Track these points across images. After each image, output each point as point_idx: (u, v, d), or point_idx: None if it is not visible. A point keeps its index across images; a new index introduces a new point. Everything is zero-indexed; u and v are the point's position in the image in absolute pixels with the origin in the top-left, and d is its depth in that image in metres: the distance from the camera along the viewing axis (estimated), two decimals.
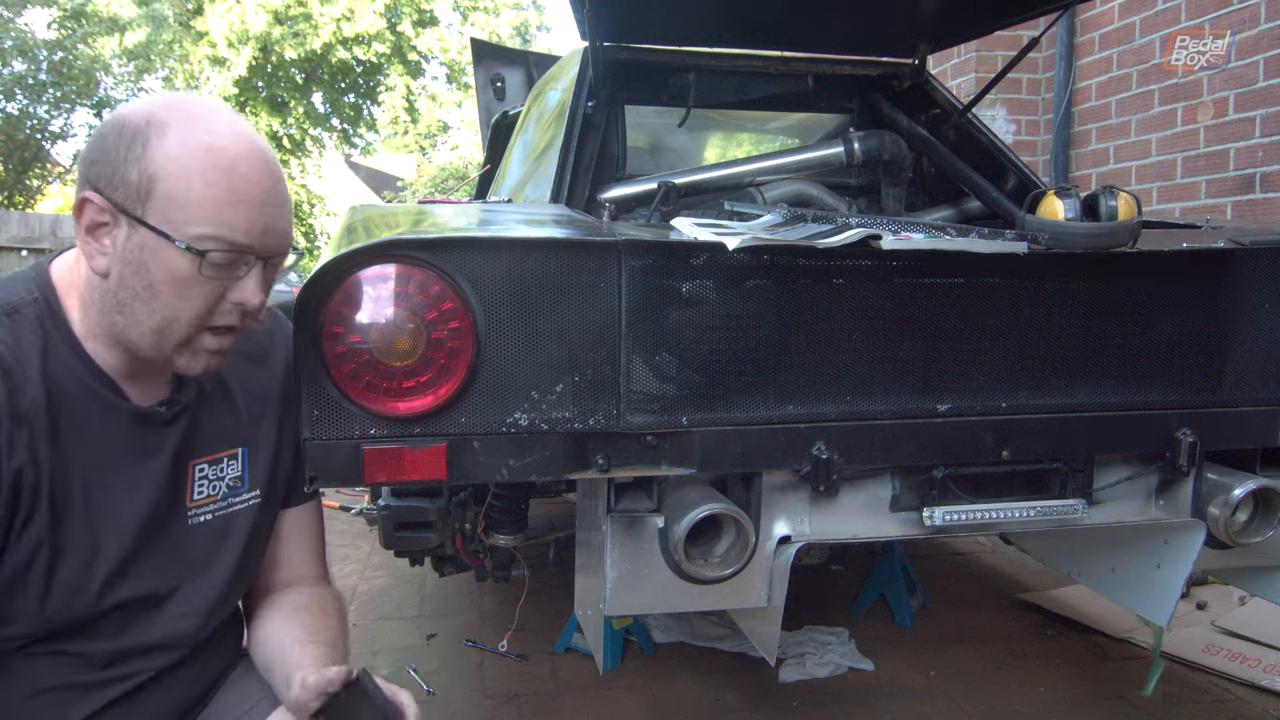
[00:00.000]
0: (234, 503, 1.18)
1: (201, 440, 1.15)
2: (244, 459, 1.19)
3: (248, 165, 0.99)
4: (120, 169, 0.97)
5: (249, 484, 1.19)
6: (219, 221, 0.98)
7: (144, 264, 0.98)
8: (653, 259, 1.32)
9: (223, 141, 0.98)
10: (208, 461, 1.15)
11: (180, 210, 0.97)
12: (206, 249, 0.97)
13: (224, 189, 0.98)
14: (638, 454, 1.38)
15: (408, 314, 1.24)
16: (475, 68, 4.17)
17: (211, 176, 0.97)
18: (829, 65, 2.57)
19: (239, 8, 15.39)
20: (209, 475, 1.15)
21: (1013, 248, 1.40)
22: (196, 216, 0.97)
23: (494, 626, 2.82)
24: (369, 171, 26.56)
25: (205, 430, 1.15)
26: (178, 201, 0.96)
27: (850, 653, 2.57)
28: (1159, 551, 1.70)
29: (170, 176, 0.96)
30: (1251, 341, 1.57)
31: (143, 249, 0.98)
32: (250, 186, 0.99)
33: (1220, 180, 3.64)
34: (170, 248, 0.97)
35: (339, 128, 19.38)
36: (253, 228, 1.00)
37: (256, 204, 1.00)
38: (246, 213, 0.99)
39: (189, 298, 1.00)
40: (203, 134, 0.98)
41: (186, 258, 0.97)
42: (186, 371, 1.05)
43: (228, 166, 0.98)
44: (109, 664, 1.06)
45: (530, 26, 20.03)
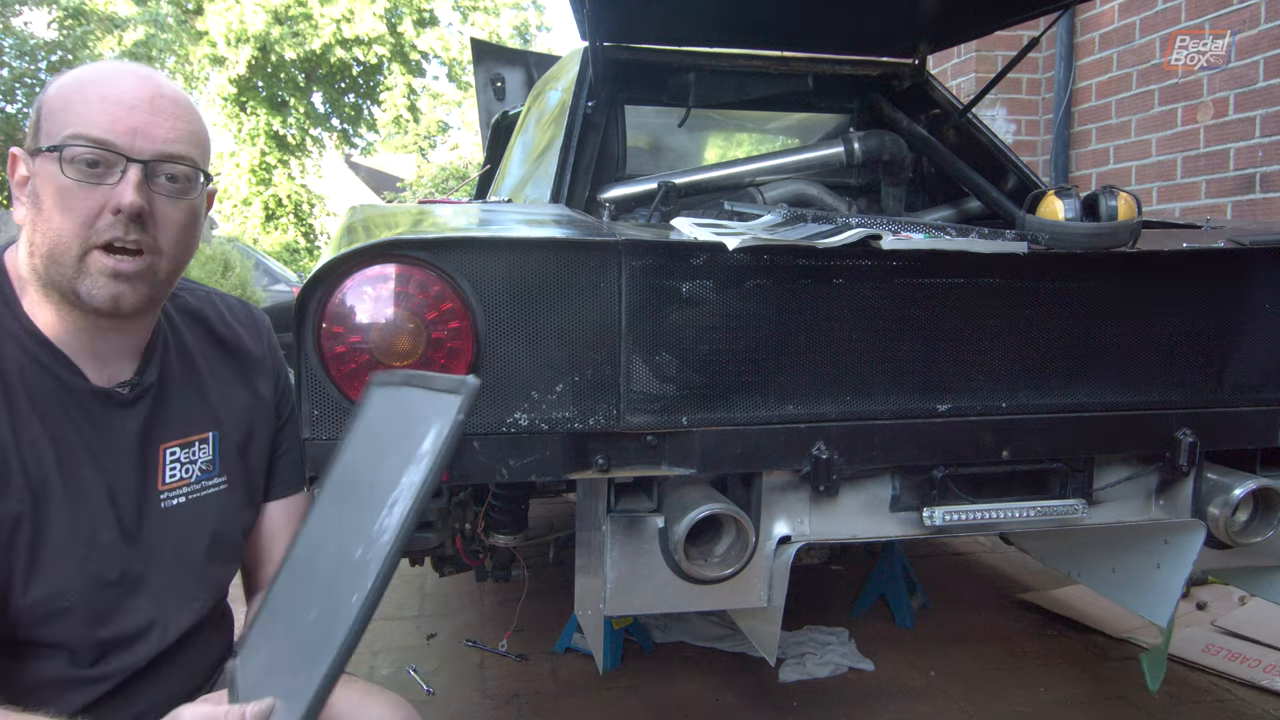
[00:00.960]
0: (206, 486, 1.17)
1: (172, 423, 1.15)
2: (214, 443, 1.19)
3: (121, 76, 1.04)
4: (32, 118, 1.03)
5: (218, 469, 1.19)
6: (80, 121, 1.00)
7: (37, 191, 1.02)
8: (653, 259, 1.32)
9: (106, 69, 1.04)
10: (179, 445, 1.15)
11: (55, 123, 1.01)
12: (66, 144, 1.00)
13: (91, 94, 1.02)
14: (638, 454, 1.38)
15: (408, 314, 1.24)
16: (475, 68, 4.17)
17: (85, 89, 1.02)
18: (829, 65, 2.57)
19: (238, 7, 15.39)
20: (180, 458, 1.15)
21: (1013, 248, 1.40)
22: (63, 122, 1.01)
23: (494, 626, 2.82)
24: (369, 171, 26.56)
25: (175, 413, 1.15)
26: (55, 118, 1.01)
27: (850, 653, 2.57)
28: (1159, 551, 1.70)
29: (51, 102, 1.02)
30: (1251, 341, 1.57)
31: (37, 178, 1.02)
32: (119, 92, 1.02)
33: (1220, 180, 3.64)
34: (47, 160, 1.01)
35: (339, 128, 19.39)
36: (115, 124, 1.01)
37: (125, 105, 1.02)
38: (110, 110, 1.01)
39: (66, 208, 1.00)
40: (91, 68, 1.05)
41: (55, 165, 1.00)
42: (92, 303, 1.03)
43: (101, 80, 1.03)
44: (95, 661, 1.06)
45: (530, 26, 20.05)
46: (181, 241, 1.08)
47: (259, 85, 17.00)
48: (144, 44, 14.05)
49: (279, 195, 18.04)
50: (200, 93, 16.89)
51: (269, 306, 7.74)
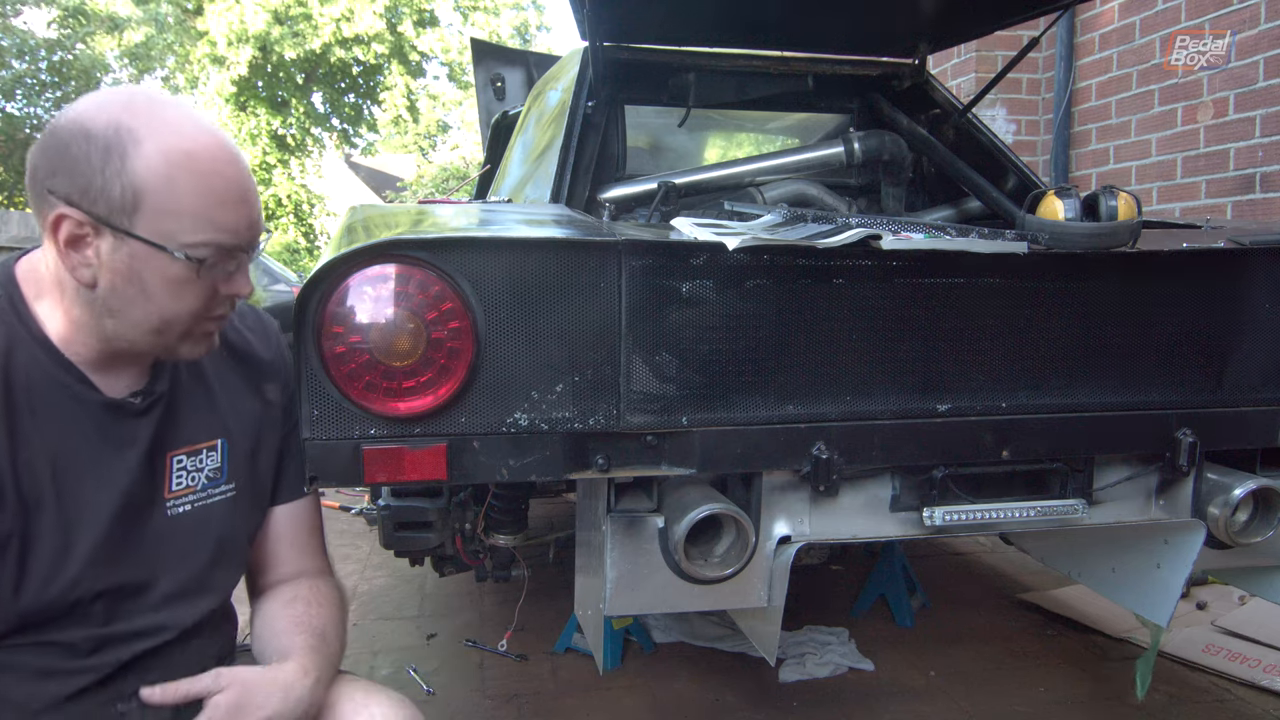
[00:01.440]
0: (213, 494, 1.17)
1: (180, 431, 1.15)
2: (223, 450, 1.19)
3: (225, 165, 1.02)
4: (97, 183, 0.96)
5: (227, 475, 1.19)
6: (211, 227, 1.00)
7: (137, 272, 0.99)
8: (653, 259, 1.32)
9: (198, 144, 1.00)
10: (186, 452, 1.15)
11: (172, 221, 0.98)
12: (203, 256, 1.00)
13: (210, 195, 1.00)
14: (638, 454, 1.38)
15: (408, 314, 1.24)
16: (475, 68, 4.17)
17: (196, 184, 0.99)
18: (829, 65, 2.57)
19: (238, 7, 15.39)
20: (188, 466, 1.15)
21: (1013, 248, 1.40)
22: (189, 225, 0.99)
23: (494, 626, 2.82)
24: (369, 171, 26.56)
25: (183, 421, 1.15)
26: (168, 213, 0.98)
27: (850, 653, 2.57)
28: (1159, 551, 1.70)
29: (157, 190, 0.97)
30: (1251, 341, 1.57)
31: (134, 258, 0.99)
32: (231, 186, 1.02)
33: (1220, 180, 3.64)
34: (165, 257, 0.99)
35: (339, 127, 19.39)
36: (239, 226, 1.03)
37: (240, 202, 1.02)
38: (233, 212, 1.02)
39: (185, 298, 1.02)
40: (177, 139, 0.99)
41: (182, 264, 1.00)
42: (189, 358, 1.09)
43: (208, 170, 1.00)
44: (93, 651, 1.06)
45: (530, 26, 20.04)
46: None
47: (259, 85, 16.99)
48: (144, 44, 14.05)
49: (279, 195, 18.04)
50: (200, 93, 16.89)
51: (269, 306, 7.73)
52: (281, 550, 1.27)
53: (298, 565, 1.28)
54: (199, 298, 1.03)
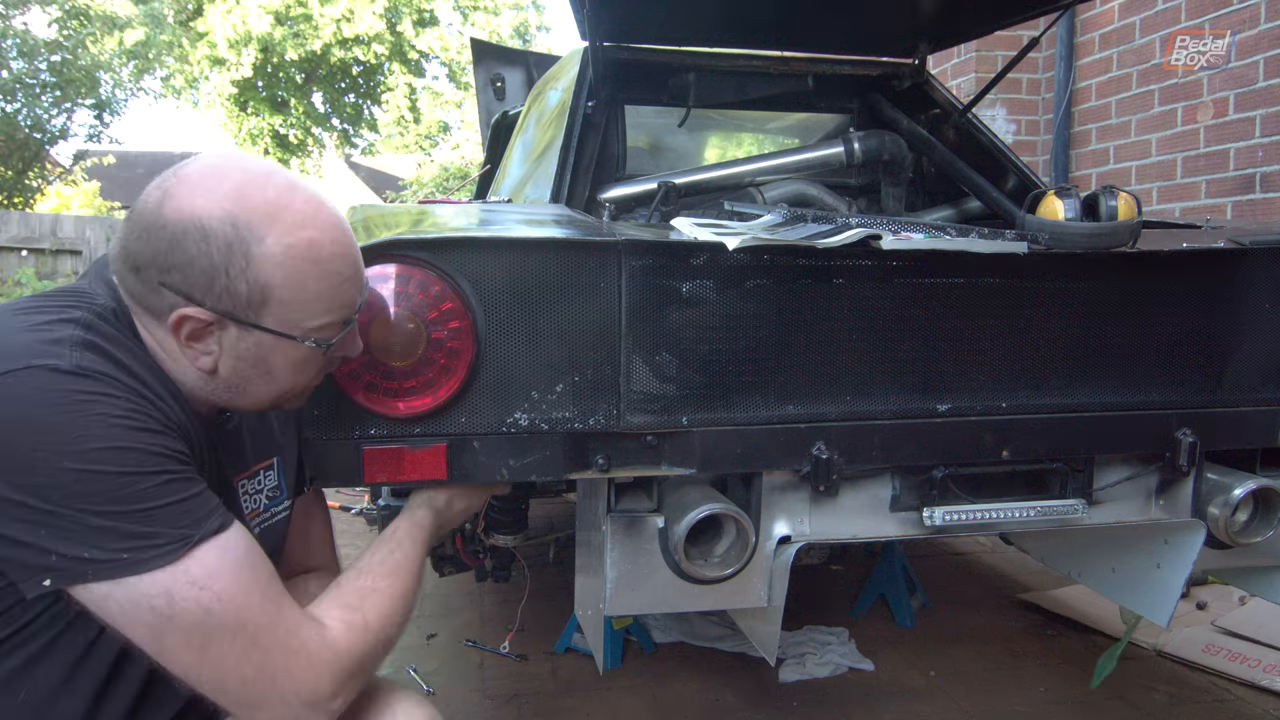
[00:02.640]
0: (276, 513, 1.19)
1: (241, 455, 1.16)
2: (279, 468, 1.21)
3: (344, 247, 1.02)
4: (221, 281, 0.95)
5: (286, 492, 1.21)
6: (334, 309, 1.02)
7: (262, 359, 1.01)
8: (653, 259, 1.32)
9: (320, 234, 0.99)
10: (247, 476, 1.16)
11: (298, 311, 0.99)
12: (328, 337, 1.02)
13: (334, 280, 1.01)
14: (638, 454, 1.38)
15: (408, 314, 1.24)
16: (475, 68, 4.17)
17: (321, 274, 0.99)
18: (829, 65, 2.57)
19: (239, 9, 15.39)
20: (249, 489, 1.16)
21: (1013, 248, 1.40)
22: (314, 311, 1.00)
23: (494, 627, 2.82)
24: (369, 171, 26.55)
25: (244, 446, 1.16)
26: (295, 305, 0.99)
27: (850, 653, 2.57)
28: (1159, 551, 1.70)
29: (285, 285, 0.97)
30: (1251, 341, 1.57)
31: (260, 346, 1.00)
32: (348, 266, 1.03)
33: (1220, 180, 3.64)
34: (292, 343, 1.00)
35: (339, 127, 19.39)
36: (356, 299, 1.05)
37: (355, 278, 1.04)
38: (350, 289, 1.04)
39: (308, 373, 1.06)
40: (299, 231, 0.98)
41: (309, 348, 1.01)
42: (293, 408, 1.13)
43: (330, 255, 1.00)
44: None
45: (530, 26, 20.04)
46: None
47: (259, 85, 17.00)
48: (143, 44, 14.04)
49: None
50: (200, 93, 16.89)
51: None
52: (294, 543, 1.28)
53: (310, 559, 1.29)
54: (319, 370, 1.07)
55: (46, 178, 14.21)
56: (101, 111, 13.77)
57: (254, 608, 0.92)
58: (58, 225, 10.56)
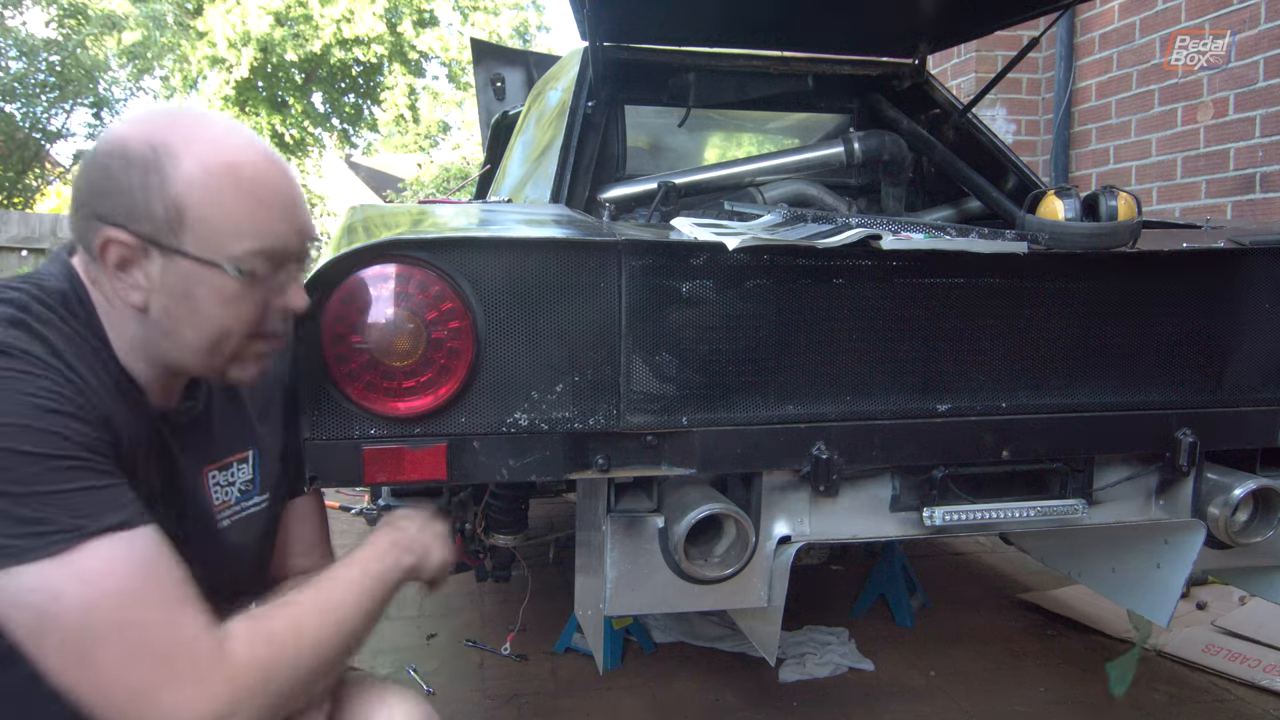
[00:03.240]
0: (246, 507, 1.17)
1: (212, 446, 1.14)
2: (254, 461, 1.19)
3: (268, 172, 0.99)
4: (140, 202, 0.95)
5: (260, 486, 1.19)
6: (260, 234, 0.97)
7: (189, 292, 0.97)
8: (653, 259, 1.32)
9: (239, 155, 0.98)
10: (218, 468, 1.15)
11: (218, 234, 0.96)
12: (254, 266, 0.98)
13: (255, 203, 0.97)
14: (638, 454, 1.38)
15: (408, 314, 1.24)
16: (475, 68, 4.17)
17: (239, 193, 0.97)
18: (829, 65, 2.57)
19: (239, 9, 15.39)
20: (220, 481, 1.14)
21: (1013, 248, 1.40)
22: (237, 235, 0.96)
23: (494, 626, 2.82)
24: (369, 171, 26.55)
25: (215, 436, 1.15)
26: (214, 225, 0.96)
27: (850, 653, 2.57)
28: (1159, 551, 1.70)
29: (200, 202, 0.95)
30: (1251, 341, 1.57)
31: (184, 277, 0.97)
32: (277, 193, 0.99)
33: (1220, 180, 3.64)
34: (215, 272, 0.97)
35: (339, 127, 19.39)
36: (290, 232, 1.00)
37: (288, 208, 1.00)
38: (283, 218, 0.99)
39: (238, 313, 1.00)
40: (217, 151, 0.97)
41: (233, 278, 0.97)
42: (239, 381, 1.06)
43: (251, 177, 0.97)
44: None
45: (530, 26, 20.02)
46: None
47: (259, 85, 16.99)
48: (142, 44, 14.04)
49: None
50: (200, 93, 16.88)
51: None
52: (291, 543, 1.27)
53: (306, 560, 1.28)
54: (251, 313, 1.00)
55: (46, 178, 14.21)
56: (100, 111, 13.77)
57: (145, 612, 0.86)
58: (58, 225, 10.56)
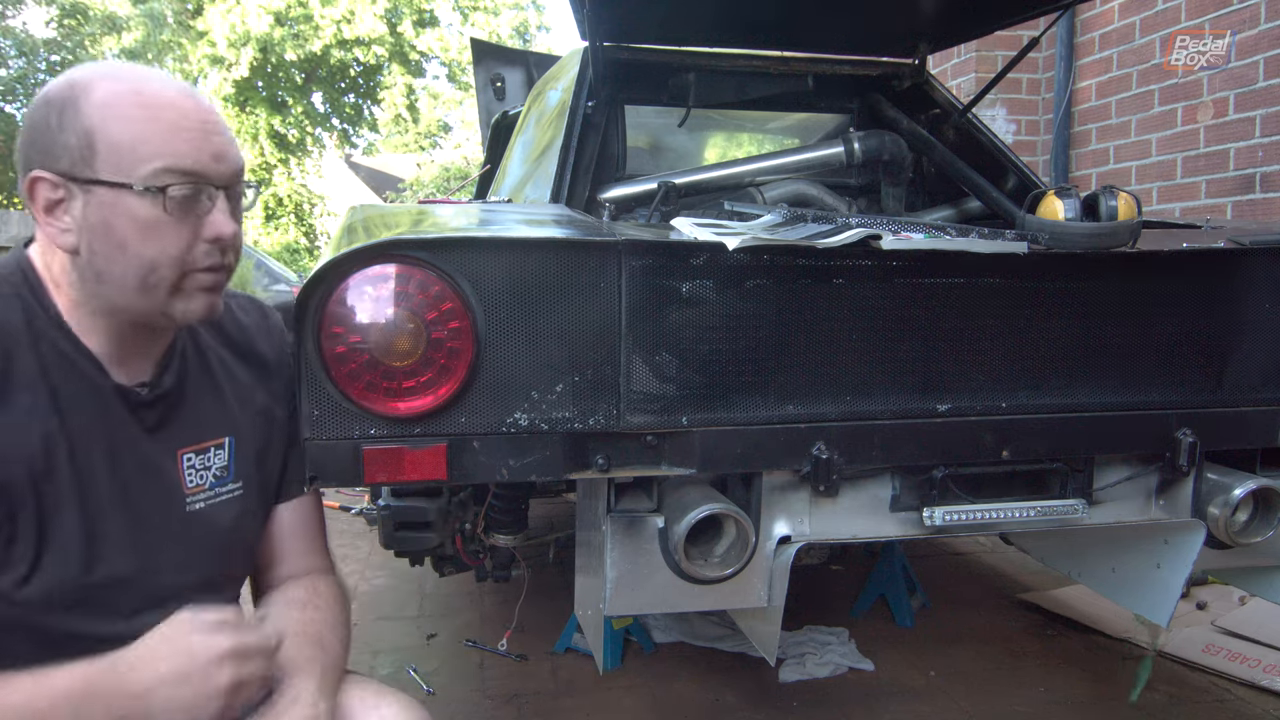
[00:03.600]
0: (220, 493, 1.17)
1: (189, 428, 1.14)
2: (230, 449, 1.18)
3: (180, 98, 1.01)
4: (58, 139, 0.97)
5: (234, 474, 1.18)
6: (168, 153, 0.98)
7: (108, 223, 0.98)
8: (653, 259, 1.32)
9: (150, 85, 1.00)
10: (195, 450, 1.14)
11: (127, 154, 0.97)
12: (165, 183, 0.98)
13: (164, 122, 0.98)
14: (638, 454, 1.38)
15: (408, 314, 1.24)
16: (475, 68, 4.18)
17: (146, 114, 0.98)
18: (829, 65, 2.57)
19: (239, 9, 15.38)
20: (196, 465, 1.14)
21: (1013, 248, 1.40)
22: (145, 154, 0.97)
23: (494, 626, 2.82)
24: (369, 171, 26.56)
25: (192, 418, 1.15)
26: (122, 147, 0.97)
27: (850, 653, 2.57)
28: (1159, 551, 1.70)
29: (107, 126, 0.97)
30: (1251, 341, 1.57)
31: (103, 208, 0.98)
32: (188, 117, 1.00)
33: (1220, 180, 3.64)
34: (129, 196, 0.97)
35: (339, 127, 19.39)
36: (201, 154, 1.00)
37: (200, 131, 1.00)
38: (192, 139, 1.00)
39: (161, 241, 0.99)
40: (128, 81, 0.99)
41: (147, 200, 0.97)
42: (188, 319, 1.05)
43: (161, 103, 0.99)
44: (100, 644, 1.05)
45: (530, 26, 20.04)
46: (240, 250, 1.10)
47: (259, 85, 16.99)
48: (142, 43, 14.05)
49: (279, 195, 18.04)
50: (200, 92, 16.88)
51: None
52: (284, 548, 1.27)
53: (300, 563, 1.28)
54: (175, 242, 1.00)
55: None
56: None
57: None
58: None
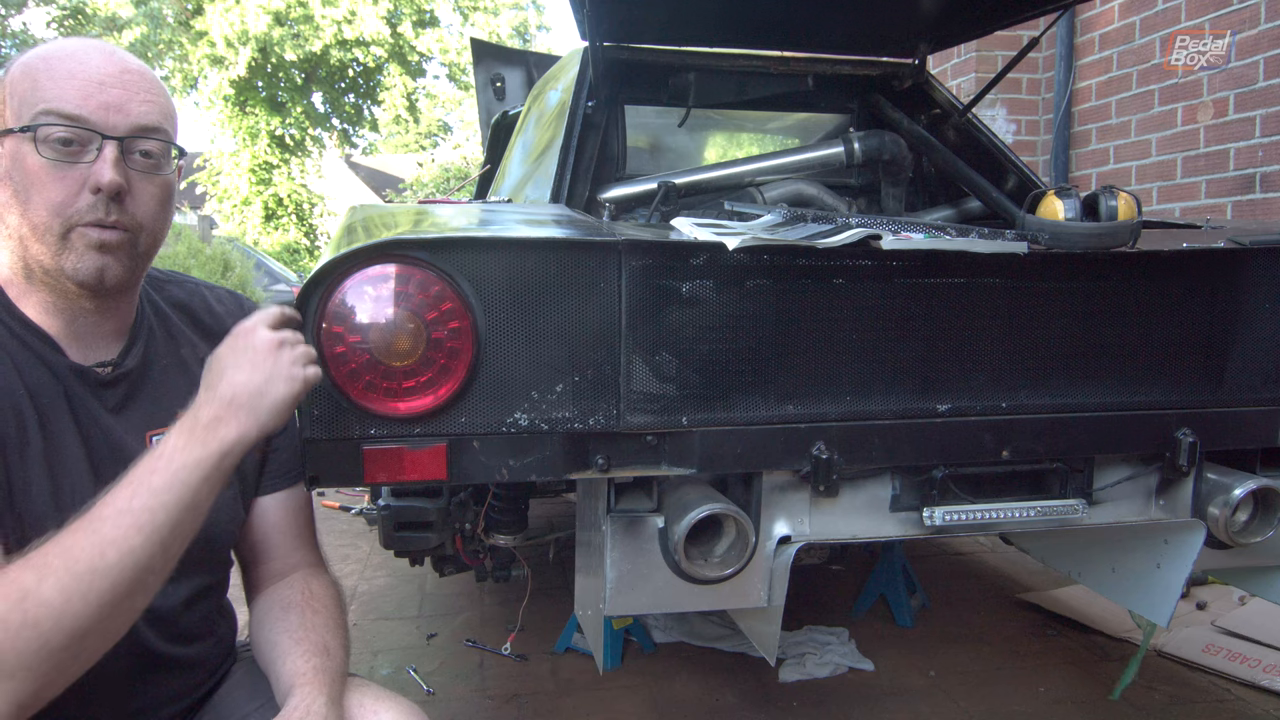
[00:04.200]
0: None
1: (159, 412, 1.14)
2: None
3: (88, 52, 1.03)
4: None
5: None
6: (52, 98, 1.00)
7: (8, 172, 1.01)
8: (653, 259, 1.32)
9: (67, 46, 1.03)
10: (165, 432, 1.14)
11: (24, 103, 1.01)
12: (39, 123, 1.00)
13: (59, 70, 1.01)
14: (638, 454, 1.38)
15: (408, 314, 1.24)
16: (475, 68, 4.17)
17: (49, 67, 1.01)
18: (829, 65, 2.57)
19: (238, 8, 15.38)
20: None
21: (1013, 248, 1.40)
22: (33, 101, 1.00)
23: (494, 626, 2.82)
24: (369, 171, 26.56)
25: (162, 402, 1.15)
26: (23, 97, 1.01)
27: (850, 653, 2.57)
28: (1159, 551, 1.70)
29: (17, 80, 1.01)
30: (1251, 341, 1.57)
31: (5, 158, 1.02)
32: (86, 67, 1.02)
33: (1220, 180, 3.64)
34: (18, 140, 1.00)
35: (339, 128, 19.39)
36: (87, 101, 1.01)
37: (94, 81, 1.02)
38: (80, 87, 1.01)
39: (43, 188, 1.01)
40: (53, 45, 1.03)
41: (29, 145, 1.00)
42: (77, 277, 1.03)
43: (65, 56, 1.02)
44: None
45: (530, 26, 20.05)
46: (159, 216, 1.09)
47: (259, 85, 16.99)
48: (141, 42, 14.05)
49: (279, 195, 18.04)
50: (200, 92, 16.89)
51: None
52: (273, 542, 1.27)
53: (290, 559, 1.27)
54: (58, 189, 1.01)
55: None
56: None
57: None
58: None
